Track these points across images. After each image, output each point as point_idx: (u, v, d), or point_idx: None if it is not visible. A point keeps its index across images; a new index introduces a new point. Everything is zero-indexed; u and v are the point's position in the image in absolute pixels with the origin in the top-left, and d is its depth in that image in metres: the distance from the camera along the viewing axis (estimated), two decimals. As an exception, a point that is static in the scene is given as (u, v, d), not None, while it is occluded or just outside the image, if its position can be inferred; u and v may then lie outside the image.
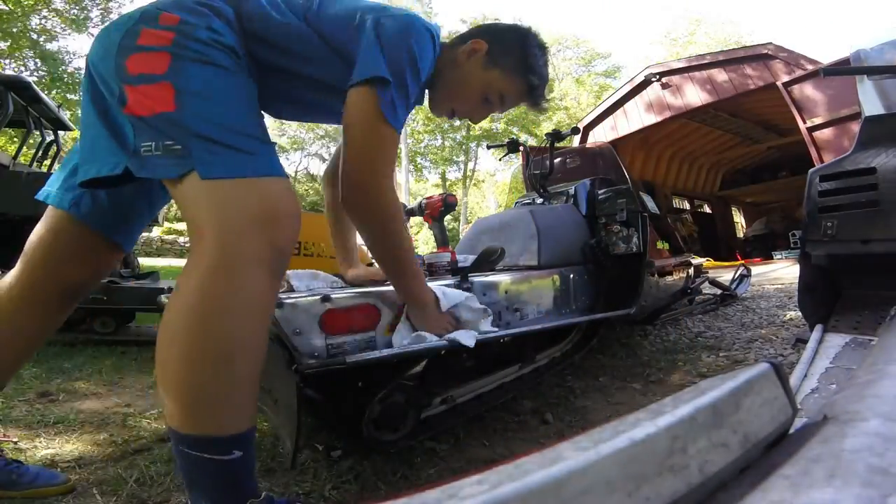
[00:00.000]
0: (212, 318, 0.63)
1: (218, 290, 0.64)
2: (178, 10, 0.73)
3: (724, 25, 23.61)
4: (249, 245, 0.65)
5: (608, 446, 0.22)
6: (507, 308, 1.36)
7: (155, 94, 0.68)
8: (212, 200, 0.66)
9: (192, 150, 0.66)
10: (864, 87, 1.27)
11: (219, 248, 0.64)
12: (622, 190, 2.00)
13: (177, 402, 0.65)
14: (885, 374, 0.38)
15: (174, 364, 0.64)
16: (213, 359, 0.63)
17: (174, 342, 0.65)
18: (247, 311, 0.65)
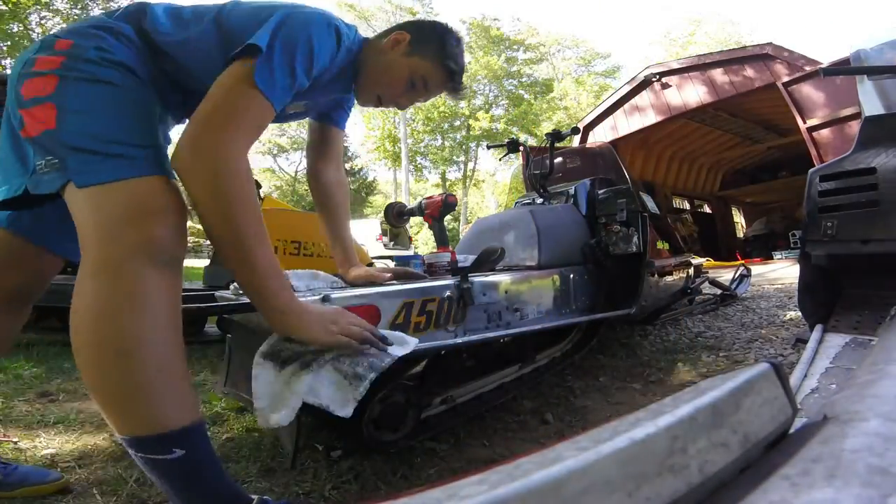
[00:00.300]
0: (103, 319, 0.66)
1: (103, 291, 0.67)
2: (71, 35, 0.78)
3: (723, 25, 23.61)
4: (124, 243, 0.68)
5: (608, 446, 0.22)
6: (506, 308, 1.36)
7: (41, 115, 0.72)
8: (89, 207, 0.70)
9: (67, 163, 0.70)
10: (864, 87, 1.27)
11: (98, 250, 0.68)
12: (622, 190, 2.00)
13: (100, 405, 0.68)
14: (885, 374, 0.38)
15: (84, 368, 0.68)
16: (112, 357, 0.66)
17: (79, 347, 0.68)
18: (135, 307, 0.67)
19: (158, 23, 0.85)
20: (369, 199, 24.08)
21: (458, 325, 1.20)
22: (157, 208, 0.72)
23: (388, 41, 0.99)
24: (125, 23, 0.83)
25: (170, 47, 0.85)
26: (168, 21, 0.86)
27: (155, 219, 0.71)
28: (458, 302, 1.19)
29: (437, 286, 1.16)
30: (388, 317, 1.03)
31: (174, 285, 0.74)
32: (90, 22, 0.82)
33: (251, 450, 1.15)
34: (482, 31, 21.22)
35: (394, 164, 20.92)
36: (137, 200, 0.71)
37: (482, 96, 21.46)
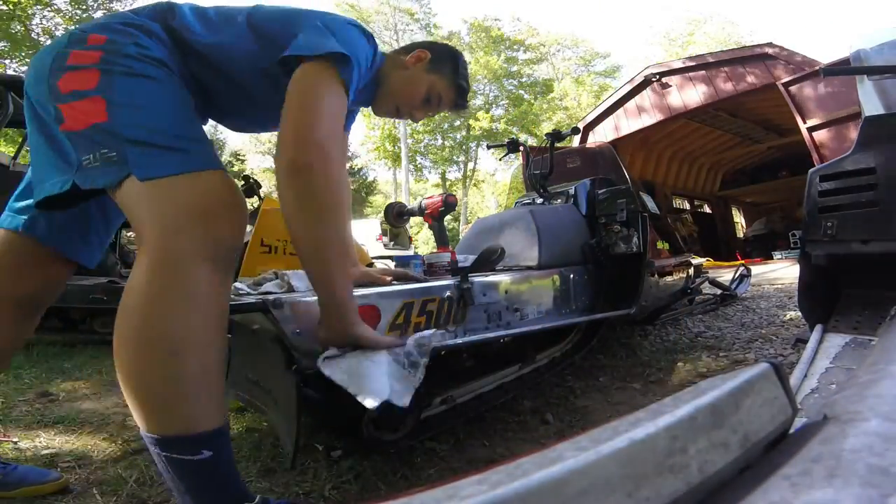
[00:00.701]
0: (155, 316, 0.65)
1: (159, 287, 0.66)
2: (104, 31, 0.78)
3: (723, 25, 23.60)
4: (188, 240, 0.67)
5: (608, 446, 0.22)
6: (507, 308, 1.36)
7: (87, 108, 0.71)
8: (150, 200, 0.68)
9: (126, 156, 0.69)
10: (864, 87, 1.27)
11: (159, 245, 0.66)
12: (622, 190, 2.00)
13: (135, 402, 0.67)
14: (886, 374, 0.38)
15: (127, 365, 0.66)
16: (160, 356, 0.64)
17: (124, 344, 0.66)
18: (190, 307, 0.66)
19: (189, 22, 0.85)
20: (369, 199, 24.07)
21: (458, 325, 1.20)
22: (222, 204, 0.72)
23: (411, 57, 1.06)
24: (153, 21, 0.83)
25: (203, 48, 0.84)
26: (197, 22, 0.86)
27: (219, 215, 0.71)
28: (458, 302, 1.19)
29: (437, 286, 1.16)
30: (388, 317, 1.03)
31: (228, 287, 0.74)
32: (119, 19, 0.81)
33: (251, 450, 1.15)
34: (482, 31, 21.22)
35: (394, 164, 20.91)
36: (203, 196, 0.70)
37: (482, 96, 21.44)
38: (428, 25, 20.14)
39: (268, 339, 0.96)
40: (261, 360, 1.12)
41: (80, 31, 0.79)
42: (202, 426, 0.67)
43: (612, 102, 8.05)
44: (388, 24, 19.58)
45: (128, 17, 0.82)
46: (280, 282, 1.03)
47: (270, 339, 0.94)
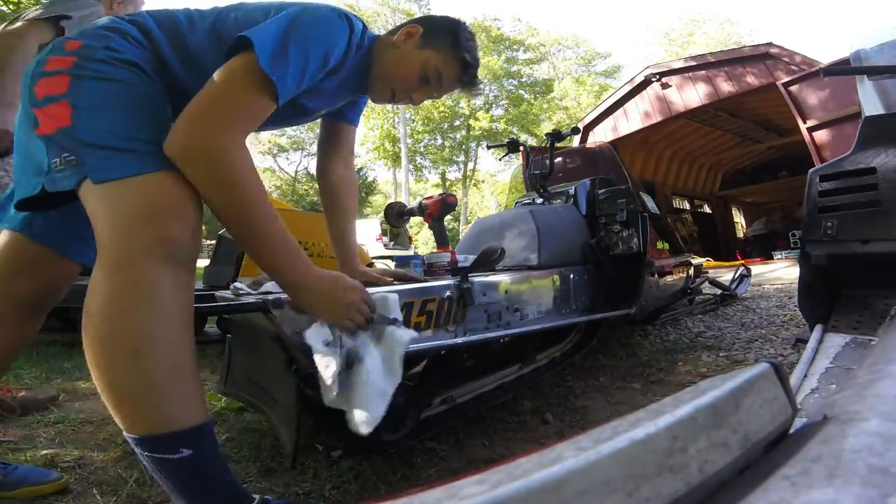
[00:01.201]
0: (115, 316, 0.66)
1: (117, 287, 0.67)
2: (81, 37, 0.80)
3: (723, 25, 23.61)
4: (138, 240, 0.68)
5: (608, 446, 0.22)
6: (507, 308, 1.36)
7: (55, 113, 0.73)
8: (104, 204, 0.70)
9: (84, 158, 0.70)
10: (864, 87, 1.27)
11: (112, 247, 0.68)
12: (622, 190, 2.00)
13: (109, 403, 0.68)
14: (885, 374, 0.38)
15: (95, 366, 0.67)
16: (124, 355, 0.66)
17: (91, 345, 0.67)
18: (148, 305, 0.67)
19: (163, 26, 0.86)
20: (369, 199, 24.09)
21: (458, 325, 1.20)
22: (172, 205, 0.72)
23: (400, 34, 0.99)
24: (131, 24, 0.85)
25: (173, 52, 0.85)
26: (184, 22, 0.87)
27: (170, 216, 0.71)
28: (458, 302, 1.19)
29: (437, 286, 1.16)
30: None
31: (188, 284, 0.73)
32: (99, 24, 0.85)
33: (251, 450, 1.15)
34: (482, 32, 21.21)
35: (393, 164, 20.91)
36: (152, 197, 0.70)
37: (482, 96, 21.44)
38: (428, 25, 20.11)
39: (268, 339, 0.96)
40: (261, 360, 1.12)
41: (64, 38, 0.82)
42: (178, 424, 0.67)
43: (612, 102, 8.05)
44: (387, 25, 19.58)
45: (111, 21, 0.84)
46: (280, 282, 1.03)
47: (270, 339, 0.94)
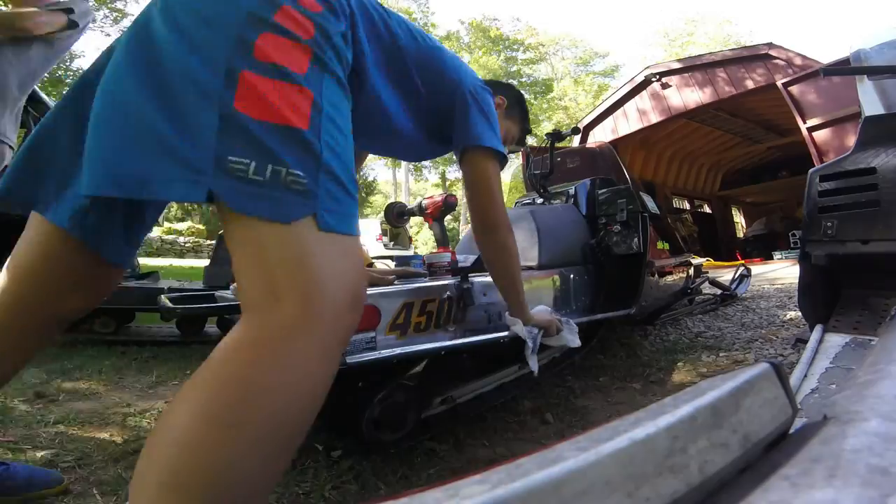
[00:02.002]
0: (257, 392, 0.43)
1: (284, 359, 0.45)
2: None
3: (722, 25, 23.61)
4: (335, 317, 0.48)
5: (608, 446, 0.22)
6: (507, 308, 1.36)
7: (290, 100, 0.48)
8: (318, 256, 0.48)
9: (318, 192, 0.49)
10: (864, 87, 1.27)
11: (310, 315, 0.46)
12: (622, 190, 2.00)
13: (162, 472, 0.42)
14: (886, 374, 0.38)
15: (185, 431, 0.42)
16: (237, 442, 0.42)
17: (199, 409, 0.43)
18: (306, 399, 0.47)
19: (372, 33, 0.71)
20: (369, 199, 24.07)
21: (458, 325, 1.20)
22: (365, 282, 0.56)
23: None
24: (345, 5, 0.62)
25: (380, 75, 0.73)
26: (395, 25, 0.80)
27: (363, 298, 0.55)
28: (458, 302, 1.19)
29: (437, 286, 1.16)
30: (389, 317, 1.03)
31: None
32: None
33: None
34: (481, 32, 21.22)
35: (393, 164, 20.91)
36: (362, 277, 0.53)
37: (482, 96, 21.43)
38: (425, 25, 20.12)
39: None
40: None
41: None
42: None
43: (612, 102, 8.06)
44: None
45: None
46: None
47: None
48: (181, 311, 1.37)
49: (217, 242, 3.13)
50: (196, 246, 13.00)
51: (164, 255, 12.16)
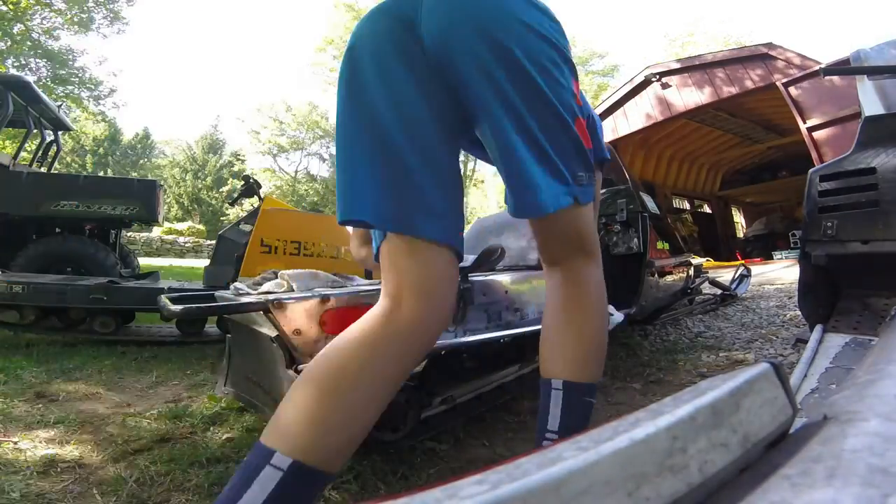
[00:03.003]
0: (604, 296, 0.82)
1: (601, 275, 0.82)
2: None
3: (722, 25, 23.63)
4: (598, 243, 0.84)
5: (608, 446, 0.22)
6: (507, 308, 1.36)
7: (582, 129, 0.72)
8: (587, 219, 0.78)
9: (590, 181, 0.76)
10: (864, 87, 1.27)
11: (596, 250, 0.81)
12: (622, 190, 2.00)
13: (590, 354, 0.78)
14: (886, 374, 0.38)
15: (602, 331, 0.80)
16: (605, 328, 0.82)
17: (601, 317, 0.81)
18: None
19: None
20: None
21: (458, 325, 1.20)
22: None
23: None
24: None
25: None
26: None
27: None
28: (458, 302, 1.19)
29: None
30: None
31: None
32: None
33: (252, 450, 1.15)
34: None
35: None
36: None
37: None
38: (428, 25, 20.09)
39: (268, 339, 0.96)
40: (261, 360, 1.12)
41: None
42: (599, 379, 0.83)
43: (612, 102, 8.06)
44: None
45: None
46: (280, 282, 1.03)
47: (270, 339, 0.94)
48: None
49: (217, 242, 3.13)
50: (196, 246, 13.01)
51: (164, 255, 12.16)
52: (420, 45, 0.63)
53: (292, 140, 25.79)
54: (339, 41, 18.84)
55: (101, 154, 26.56)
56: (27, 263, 3.03)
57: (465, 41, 0.61)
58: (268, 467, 0.55)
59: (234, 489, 0.56)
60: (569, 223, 0.75)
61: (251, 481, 0.55)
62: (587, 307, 0.78)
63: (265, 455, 0.57)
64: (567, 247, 0.78)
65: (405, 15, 0.64)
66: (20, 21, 10.63)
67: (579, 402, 0.76)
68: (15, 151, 3.97)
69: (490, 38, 0.61)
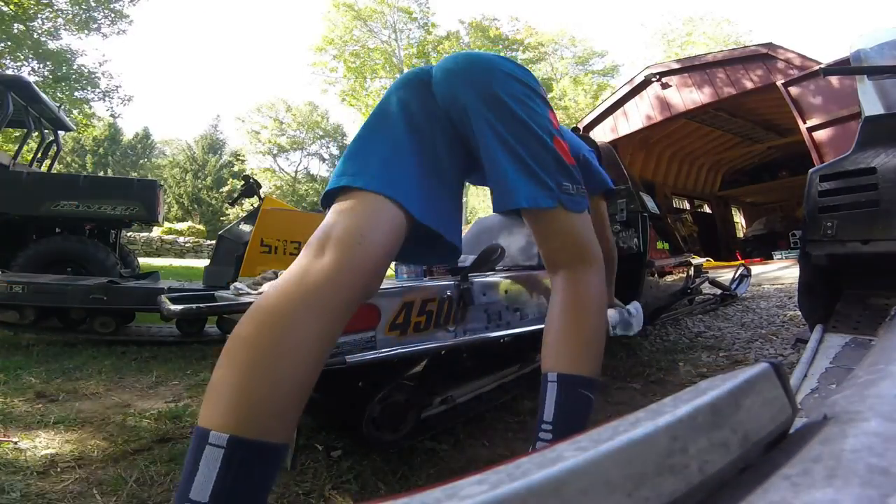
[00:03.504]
0: (602, 306, 0.88)
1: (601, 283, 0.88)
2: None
3: (721, 25, 23.58)
4: (598, 250, 0.89)
5: (608, 446, 0.22)
6: (507, 308, 1.36)
7: (563, 148, 0.84)
8: (583, 226, 0.86)
9: (584, 194, 0.87)
10: (864, 87, 1.27)
11: (596, 255, 0.87)
12: (622, 190, 2.00)
13: (588, 352, 0.83)
14: (886, 374, 0.38)
15: (599, 328, 0.86)
16: (602, 325, 0.87)
17: (599, 315, 0.86)
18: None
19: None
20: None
21: (458, 325, 1.20)
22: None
23: None
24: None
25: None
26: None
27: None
28: (458, 302, 1.19)
29: (437, 286, 1.16)
30: (388, 316, 1.03)
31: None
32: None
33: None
34: (481, 32, 21.21)
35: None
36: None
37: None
38: (426, 25, 20.11)
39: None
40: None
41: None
42: (598, 375, 0.87)
43: (611, 103, 8.06)
44: (386, 24, 19.56)
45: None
46: (280, 282, 1.02)
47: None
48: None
49: (217, 242, 3.13)
50: (196, 246, 13.01)
51: (163, 255, 12.17)
52: (433, 96, 0.85)
53: (292, 140, 25.80)
54: (338, 41, 18.83)
55: (101, 154, 26.57)
56: (27, 263, 3.03)
57: (465, 93, 0.82)
58: (208, 447, 0.54)
59: (184, 477, 0.55)
60: (561, 226, 0.83)
61: (197, 464, 0.54)
62: (584, 308, 0.83)
63: (202, 436, 0.55)
64: (565, 253, 0.85)
65: (424, 77, 0.87)
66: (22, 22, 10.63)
67: (574, 393, 0.79)
68: (15, 151, 3.97)
69: (481, 87, 0.81)
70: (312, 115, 26.70)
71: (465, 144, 0.87)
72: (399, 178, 0.76)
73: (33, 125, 3.94)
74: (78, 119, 11.53)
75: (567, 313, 0.84)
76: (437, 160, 0.83)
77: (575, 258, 0.85)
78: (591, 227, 0.88)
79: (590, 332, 0.83)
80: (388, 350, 0.97)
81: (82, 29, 11.96)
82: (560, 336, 0.83)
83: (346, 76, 19.21)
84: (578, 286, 0.84)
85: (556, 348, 0.83)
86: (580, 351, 0.81)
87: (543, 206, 0.79)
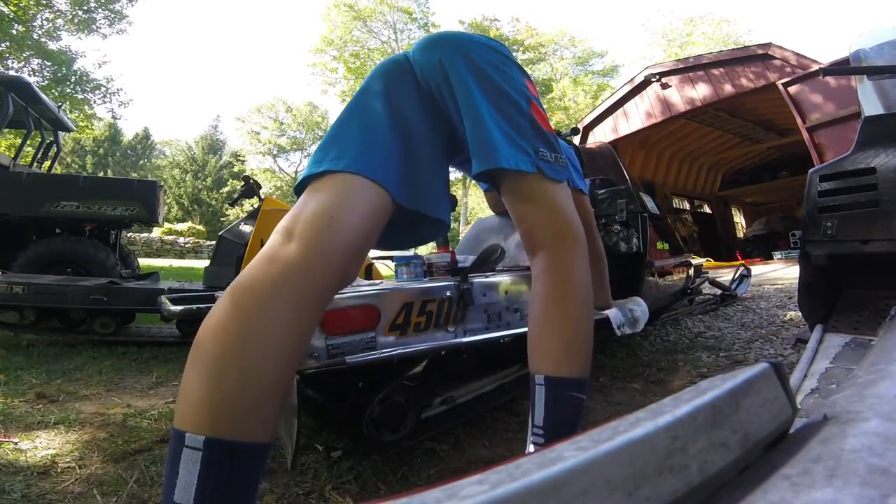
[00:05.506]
0: (588, 282, 0.83)
1: (584, 257, 0.84)
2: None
3: (720, 25, 23.56)
4: (577, 220, 0.86)
5: (608, 446, 0.22)
6: (507, 308, 1.36)
7: (542, 115, 0.86)
8: (562, 195, 0.84)
9: (561, 164, 0.86)
10: (864, 87, 1.27)
11: (576, 228, 0.83)
12: (622, 190, 2.00)
13: (568, 346, 0.78)
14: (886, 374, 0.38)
15: (586, 321, 0.81)
16: (589, 318, 0.83)
17: (584, 306, 0.81)
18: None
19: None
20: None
21: (458, 325, 1.20)
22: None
23: None
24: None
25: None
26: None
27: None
28: (458, 302, 1.19)
29: (437, 286, 1.16)
30: (388, 317, 1.03)
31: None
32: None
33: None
34: (481, 32, 21.21)
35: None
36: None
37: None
38: (426, 25, 20.11)
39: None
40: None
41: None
42: (587, 374, 0.83)
43: (611, 103, 8.06)
44: (387, 24, 19.57)
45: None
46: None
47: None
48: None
49: (217, 242, 3.13)
50: (196, 246, 13.01)
51: (164, 255, 12.17)
52: (414, 75, 0.85)
53: (292, 140, 25.79)
54: (338, 41, 18.84)
55: (101, 154, 26.57)
56: (27, 264, 3.03)
57: (445, 57, 0.82)
58: (185, 450, 0.53)
59: (166, 479, 0.54)
60: (541, 196, 0.81)
61: (176, 467, 0.53)
62: (568, 296, 0.79)
63: (178, 439, 0.54)
64: (545, 230, 0.82)
65: (401, 61, 0.87)
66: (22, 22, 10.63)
67: (563, 397, 0.75)
68: (15, 152, 3.97)
69: (460, 52, 0.82)
70: (312, 115, 26.70)
71: (448, 122, 0.85)
72: (377, 159, 0.74)
73: (33, 125, 3.94)
74: (77, 119, 11.53)
75: (550, 308, 0.79)
76: (419, 139, 0.81)
77: (556, 236, 0.81)
78: (571, 203, 0.85)
79: (576, 325, 0.78)
80: (388, 350, 0.97)
81: (82, 29, 11.96)
82: (545, 333, 0.78)
83: (345, 77, 19.23)
84: (560, 271, 0.80)
85: (542, 346, 0.78)
86: (567, 349, 0.76)
87: (523, 168, 0.78)
